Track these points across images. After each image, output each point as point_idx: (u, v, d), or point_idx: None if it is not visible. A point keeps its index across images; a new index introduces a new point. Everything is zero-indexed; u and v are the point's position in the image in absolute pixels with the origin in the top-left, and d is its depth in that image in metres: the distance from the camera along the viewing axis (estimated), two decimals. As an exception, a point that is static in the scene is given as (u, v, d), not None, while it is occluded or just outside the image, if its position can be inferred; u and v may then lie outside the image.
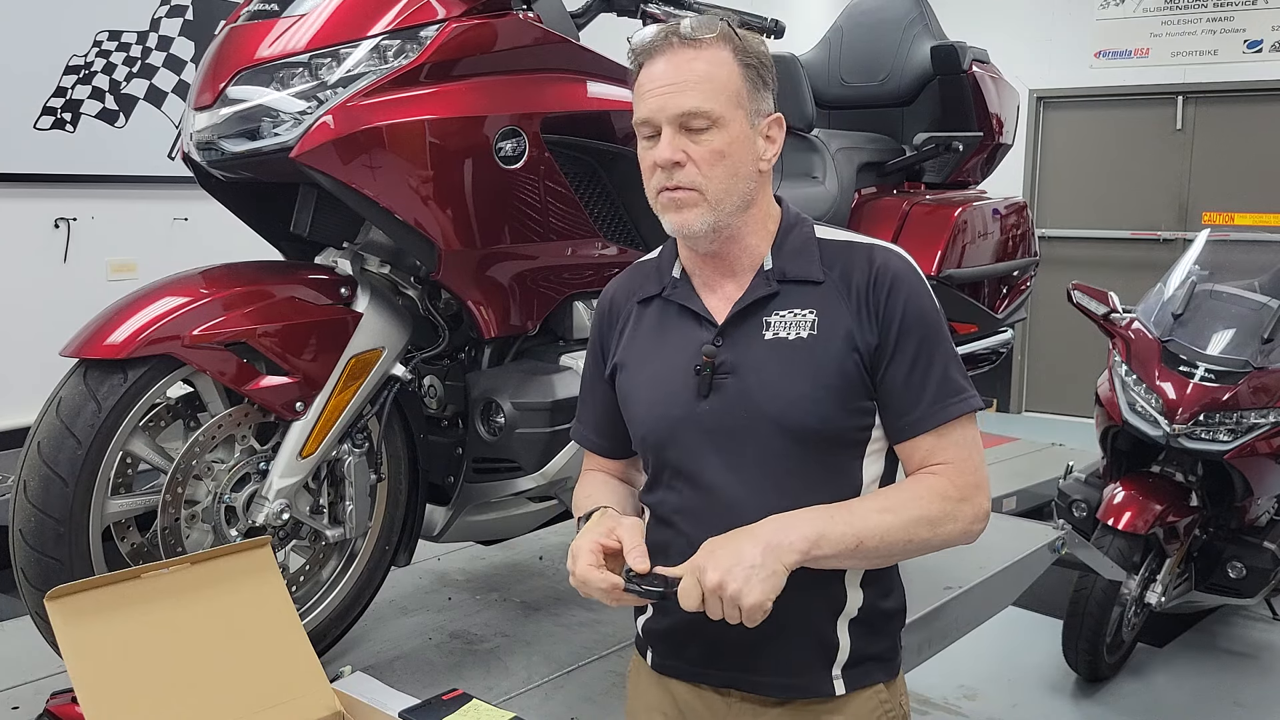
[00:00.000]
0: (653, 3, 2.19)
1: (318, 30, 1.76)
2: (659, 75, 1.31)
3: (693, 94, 1.29)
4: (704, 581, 1.19)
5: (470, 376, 2.05)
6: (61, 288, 4.02)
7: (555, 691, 2.03)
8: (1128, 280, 6.50)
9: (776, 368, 1.32)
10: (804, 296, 1.34)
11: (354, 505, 1.91)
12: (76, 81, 4.06)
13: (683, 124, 1.30)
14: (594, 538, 1.30)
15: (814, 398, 1.30)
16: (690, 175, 1.31)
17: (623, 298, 1.49)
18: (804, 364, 1.31)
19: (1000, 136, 3.09)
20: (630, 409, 1.44)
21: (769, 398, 1.31)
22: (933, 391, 1.31)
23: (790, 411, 1.30)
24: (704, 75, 1.30)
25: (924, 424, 1.31)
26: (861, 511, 1.27)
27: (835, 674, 1.38)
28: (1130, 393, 3.69)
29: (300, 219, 2.04)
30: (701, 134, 1.30)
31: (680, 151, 1.30)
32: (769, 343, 1.33)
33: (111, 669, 1.34)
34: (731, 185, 1.32)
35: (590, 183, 2.12)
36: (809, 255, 1.36)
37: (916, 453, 1.33)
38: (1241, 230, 6.80)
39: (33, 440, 1.65)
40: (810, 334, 1.32)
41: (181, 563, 1.46)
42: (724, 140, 1.30)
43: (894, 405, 1.32)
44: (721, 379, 1.34)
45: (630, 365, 1.44)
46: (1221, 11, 7.38)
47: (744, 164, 1.33)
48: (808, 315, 1.32)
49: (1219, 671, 3.26)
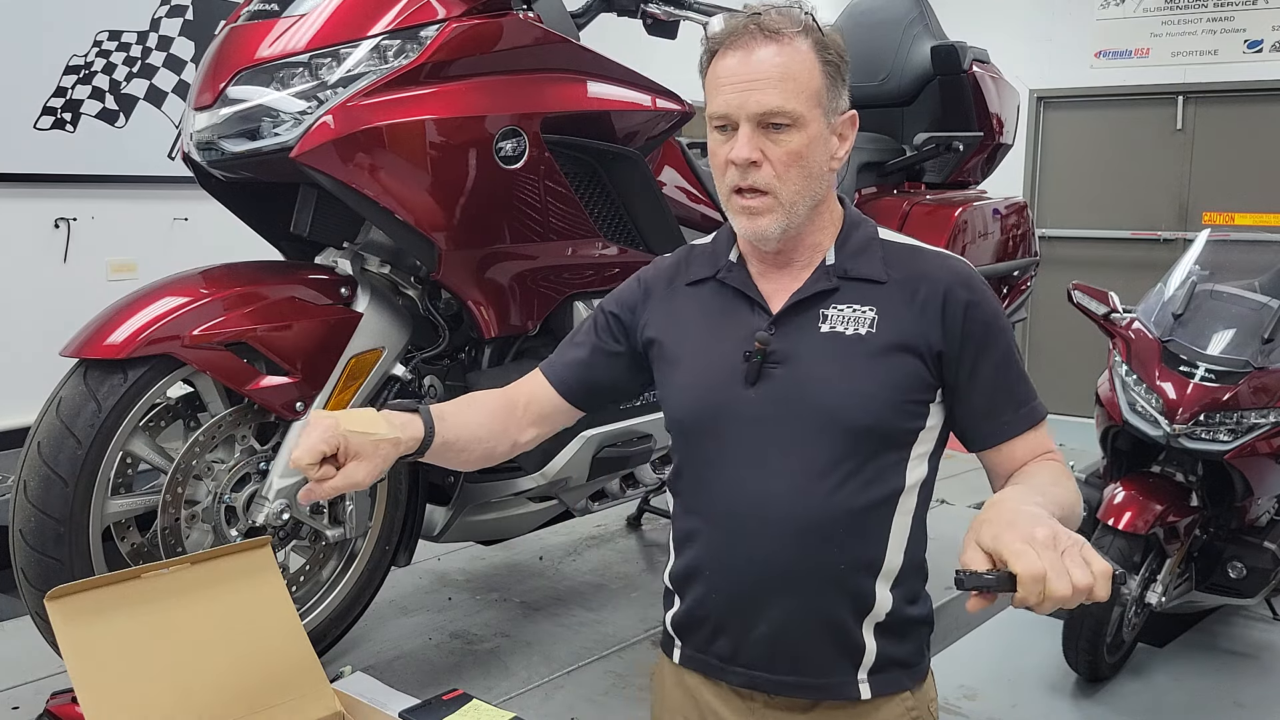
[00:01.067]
0: (653, 3, 2.19)
1: (318, 30, 1.76)
2: (738, 68, 1.27)
3: (775, 92, 1.25)
4: (1036, 537, 1.03)
5: (470, 376, 2.05)
6: (61, 288, 4.02)
7: (555, 691, 2.03)
8: (1128, 280, 6.49)
9: (833, 362, 1.29)
10: (864, 294, 1.31)
11: (354, 505, 1.91)
12: (76, 81, 4.06)
13: (762, 121, 1.26)
14: (321, 431, 1.21)
15: (869, 394, 1.27)
16: (766, 177, 1.27)
17: (666, 277, 1.45)
18: (861, 360, 1.28)
19: (1000, 136, 3.09)
20: (668, 394, 1.40)
21: (823, 390, 1.28)
22: (1011, 398, 1.33)
23: (844, 405, 1.27)
24: (787, 72, 1.25)
25: (1011, 429, 1.33)
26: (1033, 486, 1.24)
27: (861, 677, 1.35)
28: (1130, 393, 3.69)
29: (300, 219, 2.04)
30: (780, 133, 1.26)
31: (758, 150, 1.26)
32: (824, 336, 1.30)
33: (111, 669, 1.34)
34: (805, 187, 1.29)
35: (590, 183, 2.12)
36: (873, 255, 1.34)
37: (1016, 453, 1.34)
38: (1241, 230, 6.80)
39: (33, 440, 1.65)
40: (869, 331, 1.29)
41: (181, 563, 1.46)
42: (802, 141, 1.27)
43: (974, 412, 1.33)
44: (771, 367, 1.30)
45: (669, 347, 1.40)
46: (1221, 11, 7.38)
47: (818, 164, 1.29)
48: (868, 313, 1.30)
49: (1219, 671, 3.26)
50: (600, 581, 2.68)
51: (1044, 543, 1.02)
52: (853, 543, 1.30)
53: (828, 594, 1.29)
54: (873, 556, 1.32)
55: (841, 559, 1.30)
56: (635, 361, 1.46)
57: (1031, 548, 1.02)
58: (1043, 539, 1.02)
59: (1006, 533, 1.04)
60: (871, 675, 1.35)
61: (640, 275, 1.49)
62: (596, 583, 2.67)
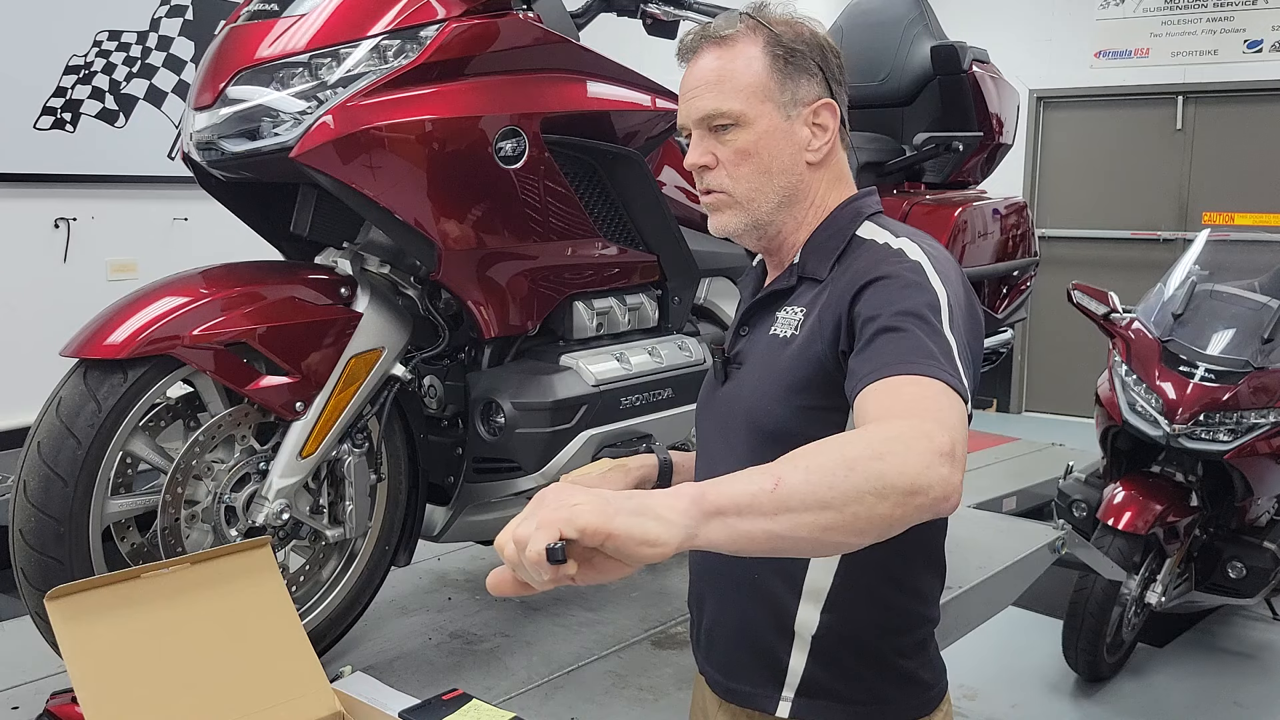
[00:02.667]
0: (653, 3, 2.19)
1: (318, 30, 1.76)
2: (688, 78, 1.31)
3: (709, 95, 1.27)
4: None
5: (470, 376, 2.05)
6: (61, 288, 4.02)
7: (555, 691, 2.02)
8: (1128, 280, 6.49)
9: (758, 365, 1.30)
10: (806, 295, 1.29)
11: (354, 505, 1.90)
12: (76, 81, 4.06)
13: (709, 125, 1.29)
14: None
15: (775, 397, 1.24)
16: (718, 178, 1.30)
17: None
18: (776, 364, 1.26)
19: (1000, 136, 3.09)
20: None
21: (745, 394, 1.30)
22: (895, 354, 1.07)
23: (755, 409, 1.28)
24: (722, 75, 1.27)
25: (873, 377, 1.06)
26: (764, 468, 0.94)
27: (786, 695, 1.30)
28: (1130, 393, 3.69)
29: (300, 219, 2.04)
30: (726, 134, 1.28)
31: (708, 154, 1.29)
32: (769, 338, 1.31)
33: (111, 669, 1.34)
34: (762, 183, 1.29)
35: (590, 183, 2.12)
36: (828, 251, 1.29)
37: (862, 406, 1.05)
38: (1241, 230, 6.80)
39: (33, 440, 1.65)
40: (793, 334, 1.26)
41: (181, 563, 1.46)
42: (749, 138, 1.27)
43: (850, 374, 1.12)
44: (735, 369, 1.34)
45: None
46: (1221, 11, 7.38)
47: (778, 159, 1.28)
48: (798, 314, 1.28)
49: (1219, 671, 3.26)
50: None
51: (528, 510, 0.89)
52: None
53: (744, 598, 1.31)
54: (790, 570, 1.27)
55: (757, 567, 1.29)
56: None
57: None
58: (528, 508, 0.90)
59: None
60: (798, 697, 1.29)
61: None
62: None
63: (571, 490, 0.89)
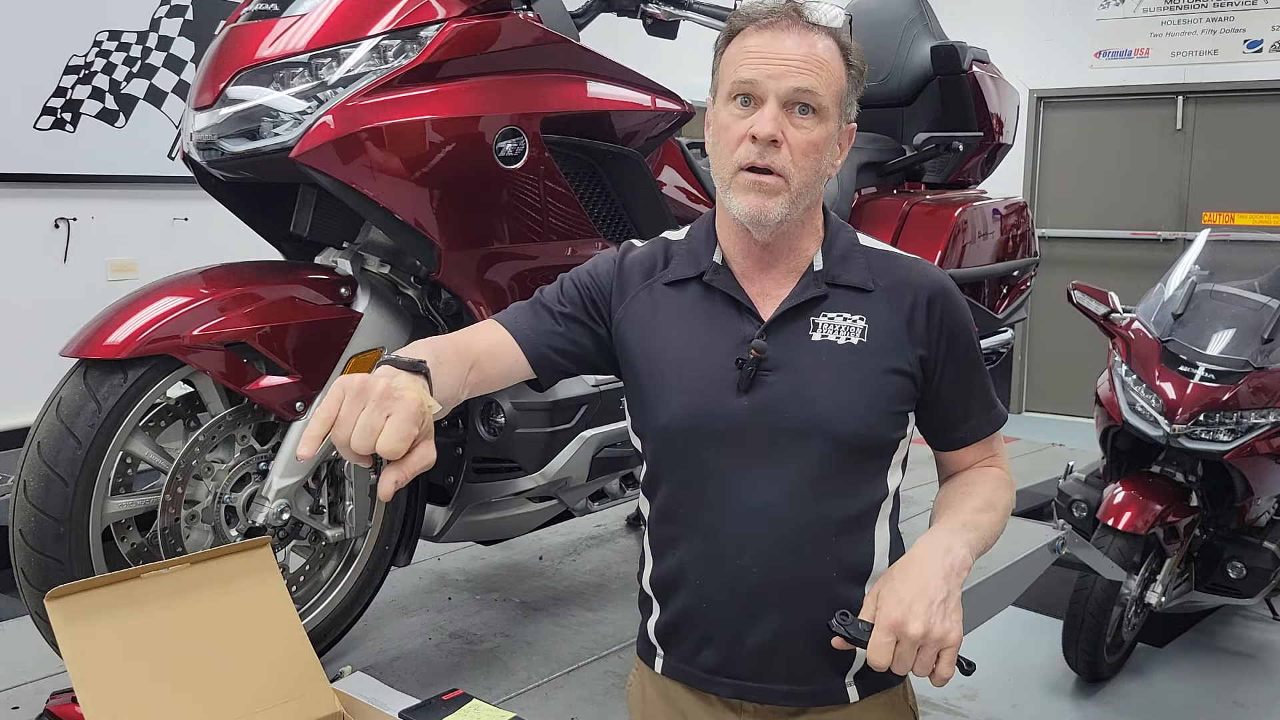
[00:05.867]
0: (653, 3, 2.20)
1: (318, 30, 1.76)
2: (773, 44, 1.25)
3: (811, 75, 1.24)
4: (908, 633, 1.16)
5: (470, 376, 2.05)
6: (61, 288, 4.02)
7: (555, 691, 2.03)
8: (1128, 280, 6.49)
9: (827, 372, 1.28)
10: (853, 302, 1.31)
11: (354, 505, 1.91)
12: (76, 81, 4.06)
13: (790, 102, 1.24)
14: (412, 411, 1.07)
15: (863, 404, 1.28)
16: (784, 159, 1.24)
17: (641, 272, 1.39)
18: (854, 371, 1.28)
19: (1000, 136, 3.09)
20: (649, 399, 1.34)
21: (818, 400, 1.27)
22: (980, 403, 1.40)
23: (837, 415, 1.27)
24: (823, 62, 1.25)
25: (979, 433, 1.41)
26: (969, 514, 1.32)
27: (849, 681, 1.35)
28: (1130, 393, 3.69)
29: (300, 219, 2.04)
30: (805, 119, 1.25)
31: (780, 131, 1.24)
32: (816, 345, 1.29)
33: (111, 669, 1.34)
34: (814, 181, 1.28)
35: (590, 183, 2.12)
36: (859, 262, 1.35)
37: (970, 455, 1.42)
38: (1241, 230, 6.80)
39: (33, 440, 1.65)
40: (860, 341, 1.29)
41: (181, 563, 1.46)
42: (821, 134, 1.26)
43: (946, 416, 1.39)
44: (764, 375, 1.28)
45: (646, 351, 1.35)
46: (1221, 11, 7.38)
47: (825, 163, 1.29)
48: (858, 322, 1.30)
49: (1219, 671, 3.26)
50: (600, 581, 2.68)
51: (911, 639, 1.16)
52: (844, 551, 1.31)
53: (820, 603, 1.28)
54: (862, 564, 1.32)
55: (834, 568, 1.30)
56: (605, 346, 1.41)
57: (895, 637, 1.17)
58: (913, 636, 1.16)
59: (893, 610, 1.18)
60: (858, 679, 1.35)
61: (615, 259, 1.42)
62: (596, 583, 2.67)
63: (944, 609, 1.19)
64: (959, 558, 1.23)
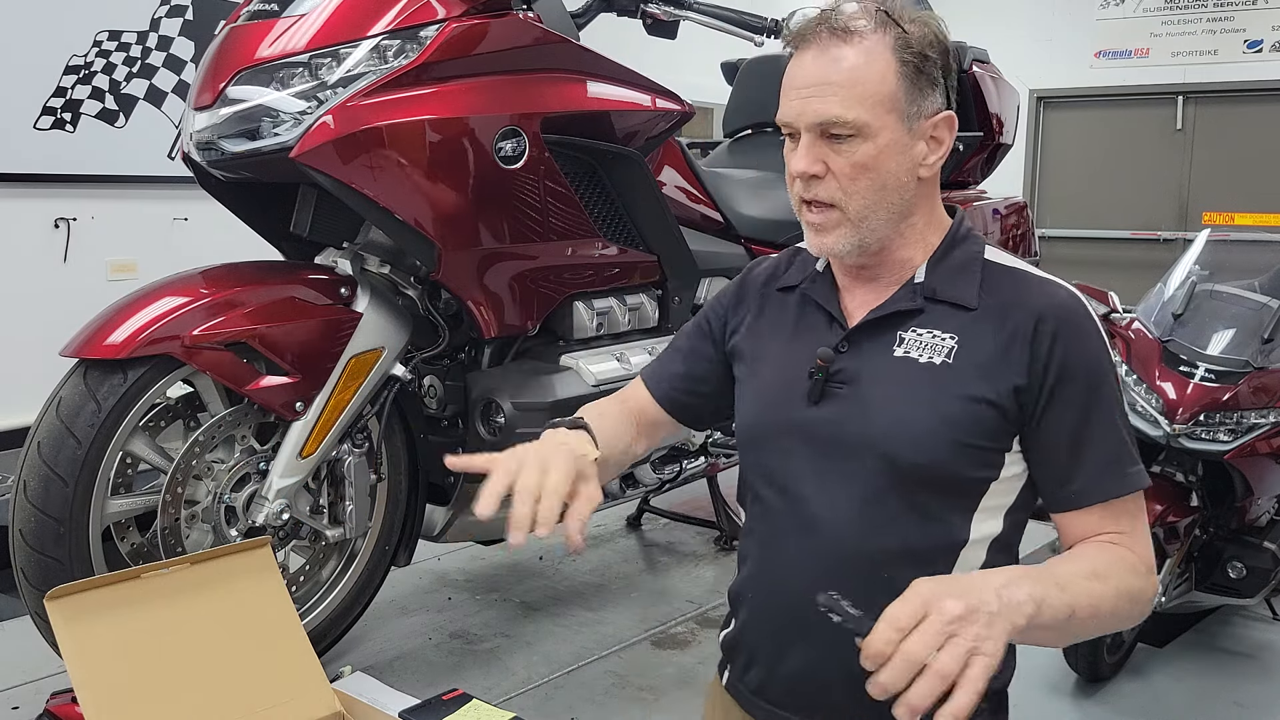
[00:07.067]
0: (653, 3, 2.19)
1: (318, 30, 1.76)
2: (803, 72, 1.16)
3: (833, 99, 1.13)
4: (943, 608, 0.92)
5: (470, 376, 2.05)
6: (61, 288, 4.02)
7: (555, 691, 2.03)
8: (1128, 280, 6.49)
9: (897, 389, 1.16)
10: (950, 320, 1.17)
11: (354, 505, 1.91)
12: (76, 81, 4.06)
13: (823, 131, 1.15)
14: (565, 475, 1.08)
15: (927, 430, 1.14)
16: (830, 190, 1.16)
17: (763, 279, 1.34)
18: (928, 392, 1.15)
19: (1000, 136, 3.09)
20: (740, 402, 1.30)
21: (877, 419, 1.16)
22: (1101, 458, 1.14)
23: (895, 440, 1.15)
24: (850, 77, 1.13)
25: (1094, 495, 1.14)
26: (1068, 575, 1.06)
27: None
28: (1130, 393, 3.69)
29: (300, 219, 2.04)
30: (843, 144, 1.14)
31: (819, 163, 1.15)
32: (896, 360, 1.18)
33: (111, 669, 1.34)
34: (877, 199, 1.17)
35: (590, 183, 2.12)
36: (969, 276, 1.20)
37: (1087, 524, 1.16)
38: (1241, 230, 6.79)
39: (33, 440, 1.65)
40: (945, 361, 1.15)
41: (181, 563, 1.46)
42: (869, 152, 1.14)
43: (1053, 467, 1.16)
44: (836, 387, 1.19)
45: (750, 355, 1.30)
46: (1221, 11, 7.38)
47: (894, 174, 1.16)
48: (948, 340, 1.16)
49: (1219, 671, 3.25)
50: (600, 581, 2.68)
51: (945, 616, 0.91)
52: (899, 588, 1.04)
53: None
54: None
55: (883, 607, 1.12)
56: (722, 364, 1.35)
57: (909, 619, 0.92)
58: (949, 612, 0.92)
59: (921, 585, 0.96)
60: None
61: (742, 274, 1.39)
62: (596, 583, 2.67)
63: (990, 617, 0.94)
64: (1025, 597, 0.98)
